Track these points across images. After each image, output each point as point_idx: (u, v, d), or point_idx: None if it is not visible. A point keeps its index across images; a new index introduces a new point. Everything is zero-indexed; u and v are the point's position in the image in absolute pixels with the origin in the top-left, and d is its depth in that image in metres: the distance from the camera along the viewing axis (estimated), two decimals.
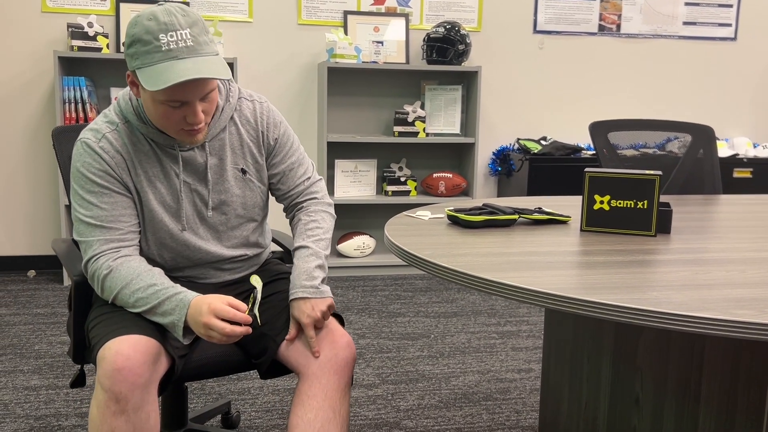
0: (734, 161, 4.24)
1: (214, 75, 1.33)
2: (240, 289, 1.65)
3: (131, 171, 1.47)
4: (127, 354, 1.30)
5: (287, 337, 1.49)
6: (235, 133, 1.56)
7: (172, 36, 1.33)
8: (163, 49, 1.33)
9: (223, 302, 1.35)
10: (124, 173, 1.46)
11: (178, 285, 1.42)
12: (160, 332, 1.40)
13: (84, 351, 1.55)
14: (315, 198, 1.66)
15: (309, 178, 1.66)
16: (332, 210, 1.66)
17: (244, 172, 1.57)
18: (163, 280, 1.42)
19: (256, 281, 1.43)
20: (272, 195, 1.67)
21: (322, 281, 1.51)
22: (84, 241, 1.45)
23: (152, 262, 1.55)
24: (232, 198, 1.56)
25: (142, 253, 1.54)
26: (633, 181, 1.51)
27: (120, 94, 1.50)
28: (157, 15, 1.34)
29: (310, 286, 1.49)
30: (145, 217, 1.50)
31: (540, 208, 1.68)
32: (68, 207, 3.71)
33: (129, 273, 1.42)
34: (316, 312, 1.46)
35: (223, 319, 1.34)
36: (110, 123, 1.48)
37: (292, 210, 1.67)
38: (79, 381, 1.59)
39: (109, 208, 1.45)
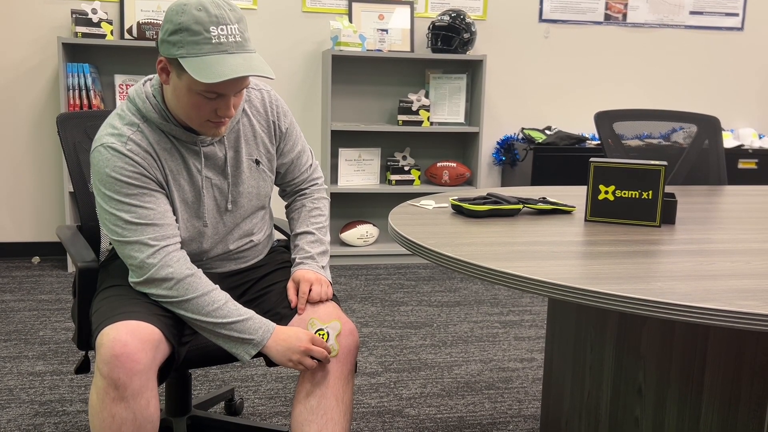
0: (739, 152, 4.23)
1: (265, 73, 1.34)
2: (245, 279, 1.66)
3: (160, 169, 1.45)
4: (124, 340, 1.30)
5: (292, 304, 1.52)
6: (248, 124, 1.56)
7: (222, 30, 1.33)
8: (213, 41, 1.32)
9: (309, 335, 1.44)
10: (157, 172, 1.44)
11: (250, 310, 1.46)
12: (159, 319, 1.40)
13: (88, 337, 1.55)
14: (316, 183, 1.72)
15: (311, 165, 1.71)
16: (328, 194, 1.71)
17: (257, 162, 1.57)
18: (236, 302, 1.46)
19: (333, 328, 1.48)
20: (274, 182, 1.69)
21: (326, 266, 1.59)
22: (135, 240, 1.40)
23: None
24: (248, 189, 1.57)
25: None
26: (638, 172, 1.50)
27: (132, 93, 1.47)
28: (207, 6, 1.33)
29: (316, 267, 1.56)
30: None
31: (544, 198, 1.68)
32: (72, 194, 3.72)
33: (209, 283, 1.44)
34: (316, 276, 1.53)
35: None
36: (131, 125, 1.44)
37: (293, 195, 1.71)
38: (83, 367, 1.60)
39: (154, 206, 1.42)
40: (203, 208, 1.51)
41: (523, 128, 4.31)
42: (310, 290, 1.52)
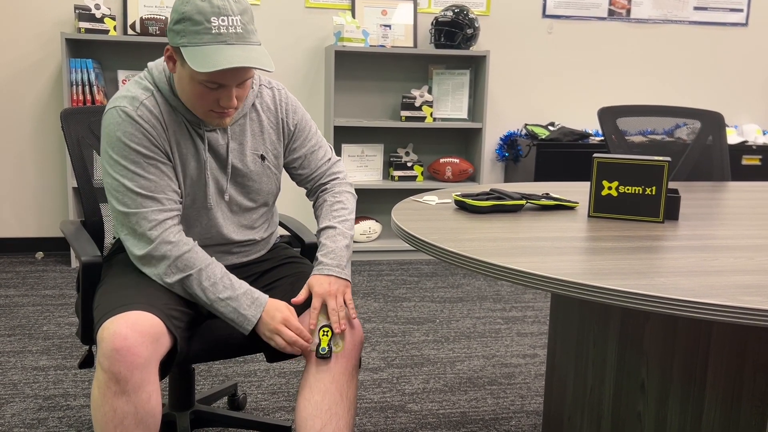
0: (743, 148, 4.22)
1: (262, 65, 1.34)
2: (248, 273, 1.66)
3: (169, 139, 1.47)
4: (125, 334, 1.30)
5: (293, 300, 1.51)
6: (256, 120, 1.57)
7: (223, 21, 1.34)
8: (213, 32, 1.34)
9: (291, 313, 1.45)
10: (164, 142, 1.46)
11: (244, 282, 1.47)
12: (162, 311, 1.40)
13: (92, 332, 1.55)
14: (337, 178, 1.69)
15: (329, 159, 1.69)
16: (353, 190, 1.70)
17: (263, 158, 1.58)
18: (231, 275, 1.47)
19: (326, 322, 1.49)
20: (294, 179, 1.69)
21: (347, 262, 1.55)
22: (134, 212, 1.43)
23: None
24: (250, 183, 1.57)
25: None
26: (642, 168, 1.50)
27: (152, 65, 1.49)
28: None
29: (335, 265, 1.53)
30: None
31: (547, 194, 1.68)
32: (76, 189, 3.72)
33: (205, 257, 1.45)
34: (332, 287, 1.49)
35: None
36: (145, 90, 1.46)
37: (315, 192, 1.70)
38: (87, 362, 1.61)
39: (156, 178, 1.44)
40: (208, 188, 1.52)
41: (526, 124, 4.30)
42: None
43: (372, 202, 4.32)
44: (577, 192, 1.88)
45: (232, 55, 1.33)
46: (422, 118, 3.98)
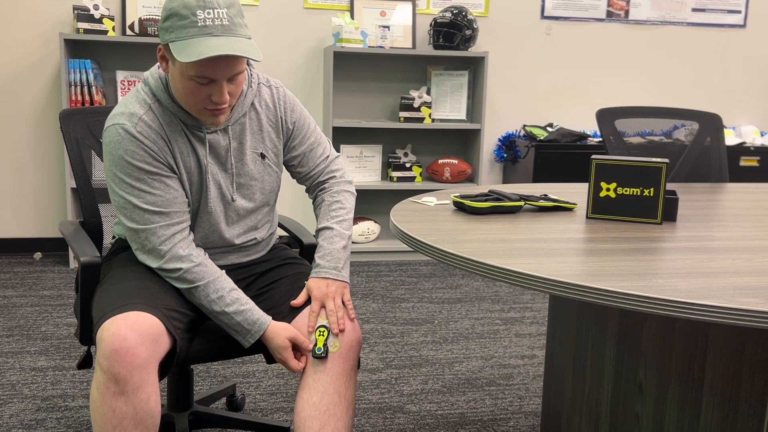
0: (741, 149, 4.22)
1: (246, 54, 1.35)
2: (248, 273, 1.66)
3: (172, 151, 1.48)
4: (124, 335, 1.30)
5: (292, 302, 1.53)
6: (255, 118, 1.57)
7: (209, 13, 1.35)
8: (199, 24, 1.34)
9: (294, 335, 1.48)
10: (167, 155, 1.47)
11: (250, 299, 1.50)
12: (162, 311, 1.40)
13: (91, 332, 1.56)
14: (335, 177, 1.69)
15: (328, 156, 1.69)
16: (353, 188, 1.70)
17: (263, 156, 1.58)
18: (239, 290, 1.50)
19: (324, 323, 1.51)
20: (293, 177, 1.70)
21: (345, 263, 1.56)
22: (143, 228, 1.45)
23: None
24: (252, 182, 1.58)
25: None
26: (640, 169, 1.51)
27: (147, 74, 1.50)
28: None
29: (332, 267, 1.54)
30: None
31: (546, 195, 1.68)
32: (74, 190, 3.72)
33: (215, 270, 1.48)
34: (329, 289, 1.50)
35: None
36: (142, 104, 1.47)
37: (314, 190, 1.70)
38: (85, 362, 1.61)
39: (162, 193, 1.46)
40: (208, 194, 1.52)
41: (524, 125, 4.31)
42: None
43: (370, 203, 4.32)
44: (576, 193, 1.89)
45: (217, 44, 1.34)
46: (421, 119, 3.99)
